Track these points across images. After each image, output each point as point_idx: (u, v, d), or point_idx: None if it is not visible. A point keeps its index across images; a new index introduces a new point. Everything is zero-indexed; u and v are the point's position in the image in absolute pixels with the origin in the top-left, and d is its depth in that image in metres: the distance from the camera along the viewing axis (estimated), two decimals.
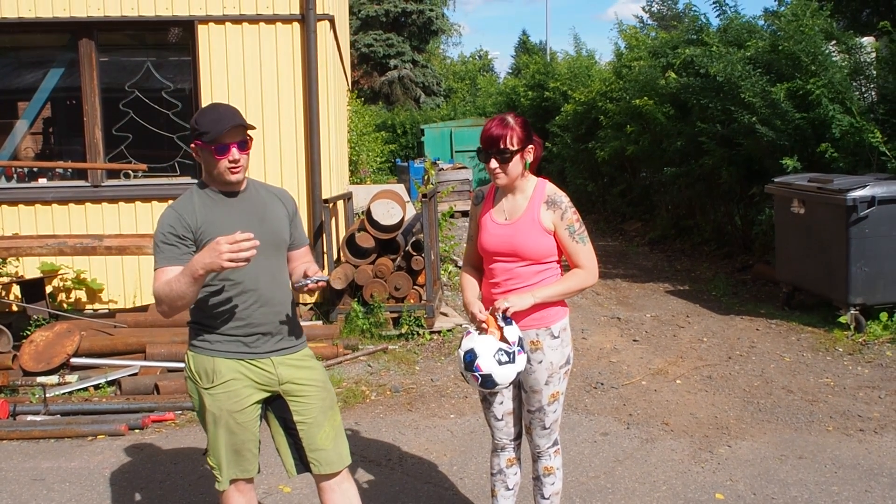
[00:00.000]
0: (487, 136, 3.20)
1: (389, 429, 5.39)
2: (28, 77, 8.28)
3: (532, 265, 3.28)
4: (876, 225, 7.06)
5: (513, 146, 3.18)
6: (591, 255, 3.32)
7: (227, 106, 3.07)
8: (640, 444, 5.03)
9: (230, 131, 2.95)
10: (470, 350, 3.13)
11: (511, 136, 3.17)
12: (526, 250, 3.25)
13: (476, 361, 3.09)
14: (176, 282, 2.86)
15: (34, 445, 5.22)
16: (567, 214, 3.26)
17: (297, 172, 7.92)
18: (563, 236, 3.27)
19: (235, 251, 2.74)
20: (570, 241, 3.27)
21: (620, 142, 12.90)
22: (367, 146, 17.95)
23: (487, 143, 3.21)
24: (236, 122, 2.97)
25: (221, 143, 2.95)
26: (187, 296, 2.87)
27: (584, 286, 3.34)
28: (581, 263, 3.30)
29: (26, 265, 7.76)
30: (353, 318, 7.48)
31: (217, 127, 2.94)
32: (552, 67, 20.13)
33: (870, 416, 5.36)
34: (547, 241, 3.26)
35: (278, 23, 7.80)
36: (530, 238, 3.24)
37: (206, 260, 2.77)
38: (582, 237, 3.29)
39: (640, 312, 8.45)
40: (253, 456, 3.16)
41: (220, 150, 2.96)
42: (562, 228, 3.26)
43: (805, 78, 8.42)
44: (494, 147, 3.19)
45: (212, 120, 2.97)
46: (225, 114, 3.00)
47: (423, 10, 34.84)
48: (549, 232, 3.26)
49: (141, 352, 6.46)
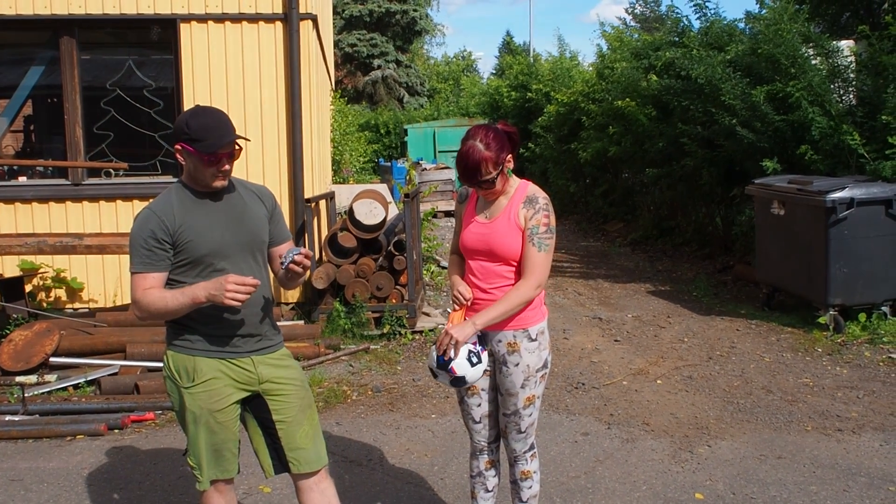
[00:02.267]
0: (464, 167, 3.19)
1: (370, 429, 5.38)
2: (8, 75, 8.21)
3: (507, 265, 3.27)
4: (855, 226, 7.13)
5: (490, 174, 3.17)
6: (541, 264, 3.21)
7: (220, 113, 2.99)
8: (620, 444, 5.05)
9: (226, 146, 2.94)
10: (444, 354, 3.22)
11: (486, 164, 3.15)
12: (501, 249, 3.24)
13: (451, 364, 3.17)
14: (173, 300, 2.89)
15: (12, 445, 5.17)
16: (537, 216, 3.22)
17: (279, 172, 7.90)
18: (525, 234, 3.22)
19: (240, 292, 2.83)
20: (528, 242, 3.21)
21: (603, 143, 12.95)
22: (350, 146, 17.93)
23: (465, 174, 3.20)
24: (233, 137, 2.95)
25: (214, 153, 2.92)
26: (178, 314, 2.93)
27: (525, 301, 3.21)
28: (527, 268, 3.21)
29: (6, 264, 7.69)
30: (335, 318, 7.47)
31: (214, 139, 2.89)
32: (535, 68, 20.19)
33: (848, 416, 5.41)
34: (521, 240, 3.24)
35: (261, 22, 7.78)
36: (506, 238, 3.24)
37: (211, 291, 2.85)
38: (541, 242, 3.20)
39: (622, 313, 8.49)
40: (233, 456, 3.15)
41: (212, 160, 2.93)
42: (528, 227, 3.22)
43: (785, 81, 8.49)
44: (474, 179, 3.19)
45: (206, 128, 2.90)
46: (223, 125, 2.94)
47: (406, 10, 34.83)
48: (522, 230, 3.24)
49: (121, 351, 6.43)
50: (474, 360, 3.18)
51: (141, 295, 2.93)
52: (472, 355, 3.18)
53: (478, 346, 3.22)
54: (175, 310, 2.90)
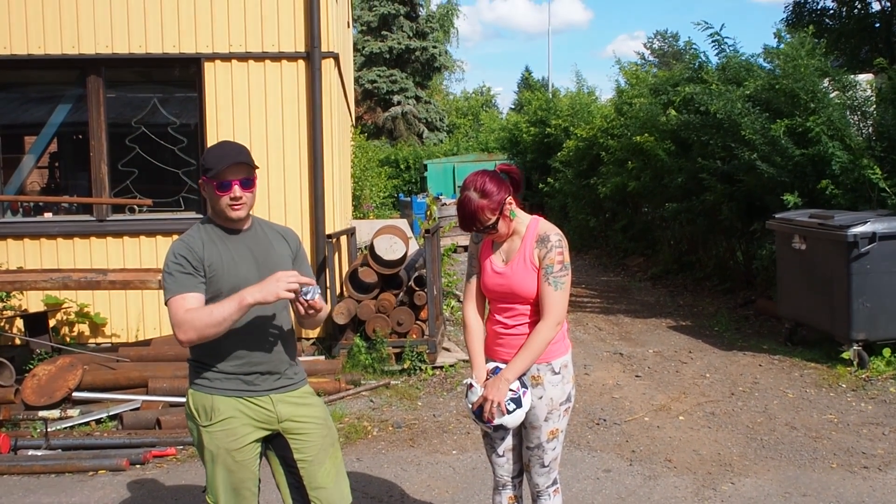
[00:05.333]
0: (462, 218, 3.26)
1: (391, 465, 5.37)
2: (36, 112, 8.37)
3: (528, 303, 3.30)
4: (877, 261, 7.08)
5: (489, 220, 3.22)
6: (559, 303, 3.24)
7: (233, 143, 3.10)
8: (643, 481, 5.01)
9: (231, 168, 2.98)
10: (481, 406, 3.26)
11: (483, 212, 3.20)
12: (521, 291, 3.28)
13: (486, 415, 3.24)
14: (218, 308, 2.87)
15: (35, 480, 5.20)
16: (550, 254, 3.24)
17: (300, 208, 7.98)
18: (541, 274, 3.26)
19: (296, 280, 2.89)
20: (544, 281, 3.24)
21: (622, 178, 12.97)
22: (370, 181, 18.07)
23: (464, 223, 3.27)
24: (238, 159, 3.00)
25: (224, 179, 2.98)
26: (226, 323, 2.87)
27: (547, 340, 3.24)
28: (546, 308, 3.24)
29: (31, 299, 7.78)
30: (356, 354, 7.48)
31: (220, 164, 2.97)
32: (554, 104, 20.28)
33: (874, 454, 5.33)
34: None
35: (284, 60, 7.90)
36: (525, 281, 3.26)
37: (262, 289, 2.88)
38: (556, 281, 3.23)
39: (643, 348, 8.44)
40: (252, 495, 3.13)
41: (222, 186, 2.98)
42: (543, 265, 3.25)
43: (804, 115, 8.50)
44: (474, 227, 3.26)
45: (217, 156, 3.00)
46: (229, 151, 3.03)
47: (426, 46, 35.22)
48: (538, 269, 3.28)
49: (143, 386, 6.46)
50: (511, 408, 3.22)
51: (184, 315, 2.89)
52: (508, 403, 3.23)
53: (519, 391, 3.25)
54: (221, 319, 2.86)
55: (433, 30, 36.55)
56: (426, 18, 36.69)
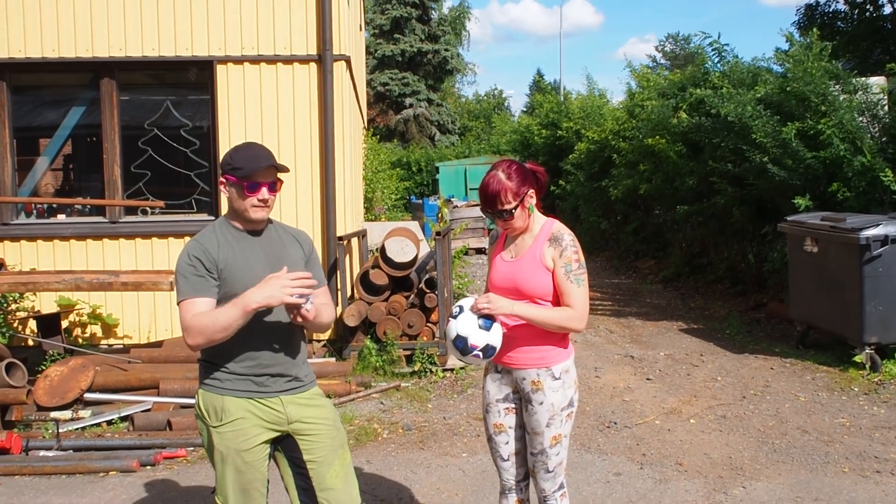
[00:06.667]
0: (484, 196, 3.29)
1: (401, 467, 5.37)
2: (50, 115, 8.43)
3: (532, 303, 3.28)
4: (889, 264, 7.04)
5: (510, 203, 3.23)
6: (582, 299, 3.24)
7: (262, 146, 3.14)
8: (653, 485, 4.99)
9: (265, 170, 3.02)
10: (457, 337, 3.22)
11: (505, 194, 3.22)
12: (526, 287, 3.27)
13: (468, 342, 3.19)
14: (222, 314, 2.89)
15: (46, 481, 5.23)
16: (566, 252, 3.25)
17: (312, 209, 8.00)
18: (559, 274, 3.26)
19: (297, 286, 2.87)
20: (565, 280, 3.24)
21: (633, 180, 12.96)
22: (381, 183, 18.09)
23: (485, 202, 3.29)
24: (272, 162, 3.05)
25: (254, 180, 3.01)
26: (231, 328, 2.89)
27: (567, 325, 3.24)
28: (571, 304, 3.24)
29: (43, 300, 7.84)
30: (366, 356, 7.50)
31: (252, 164, 3.01)
32: (566, 106, 20.28)
33: (886, 458, 5.30)
34: (547, 280, 3.27)
35: (296, 63, 7.93)
36: (531, 276, 3.27)
37: (265, 294, 2.86)
38: (578, 278, 3.24)
39: (654, 351, 8.42)
40: (261, 495, 3.14)
41: (252, 187, 3.02)
42: (559, 266, 3.26)
43: (815, 118, 8.47)
44: (493, 208, 3.27)
45: (247, 157, 3.04)
46: (261, 153, 3.08)
47: (438, 49, 35.28)
48: (549, 270, 3.27)
49: (154, 387, 6.49)
50: (485, 325, 3.20)
51: (191, 320, 2.92)
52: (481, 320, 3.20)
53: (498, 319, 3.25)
54: (226, 324, 2.88)
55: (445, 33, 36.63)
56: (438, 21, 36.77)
